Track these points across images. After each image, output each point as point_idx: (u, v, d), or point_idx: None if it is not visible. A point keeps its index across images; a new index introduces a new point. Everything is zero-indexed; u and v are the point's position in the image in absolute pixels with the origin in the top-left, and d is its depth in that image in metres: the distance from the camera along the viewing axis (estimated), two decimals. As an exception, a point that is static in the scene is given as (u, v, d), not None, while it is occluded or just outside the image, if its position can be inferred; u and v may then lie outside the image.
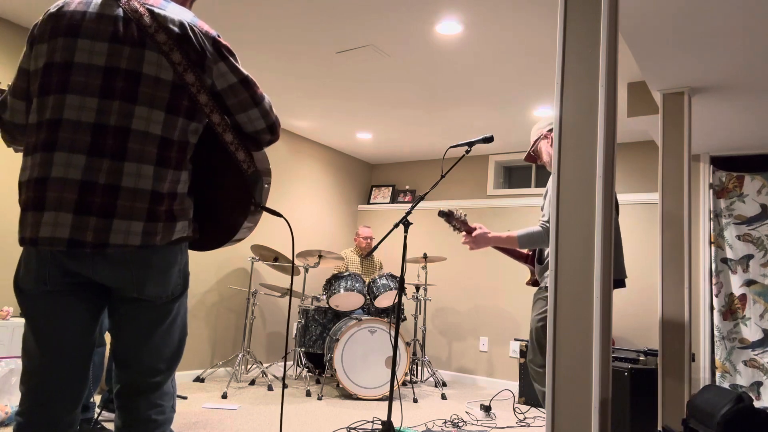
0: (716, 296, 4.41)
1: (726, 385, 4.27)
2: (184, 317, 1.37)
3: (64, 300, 1.25)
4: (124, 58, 1.23)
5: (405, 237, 2.67)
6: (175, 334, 1.33)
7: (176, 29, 1.27)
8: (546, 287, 2.53)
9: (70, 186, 1.19)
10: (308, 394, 4.25)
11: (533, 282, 2.80)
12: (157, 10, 1.27)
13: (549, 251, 2.31)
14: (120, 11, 1.26)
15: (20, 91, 1.32)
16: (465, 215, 2.63)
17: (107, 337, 3.26)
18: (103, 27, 1.25)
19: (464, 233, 2.61)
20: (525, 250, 2.90)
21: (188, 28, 1.28)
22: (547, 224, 2.47)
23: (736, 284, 4.36)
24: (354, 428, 3.34)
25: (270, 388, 4.36)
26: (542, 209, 2.56)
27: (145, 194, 1.21)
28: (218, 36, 1.34)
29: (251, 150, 1.36)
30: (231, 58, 1.33)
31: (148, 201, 1.22)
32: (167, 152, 1.25)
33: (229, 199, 1.35)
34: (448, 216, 2.60)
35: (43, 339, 1.25)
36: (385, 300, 4.70)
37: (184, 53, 1.26)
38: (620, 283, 2.56)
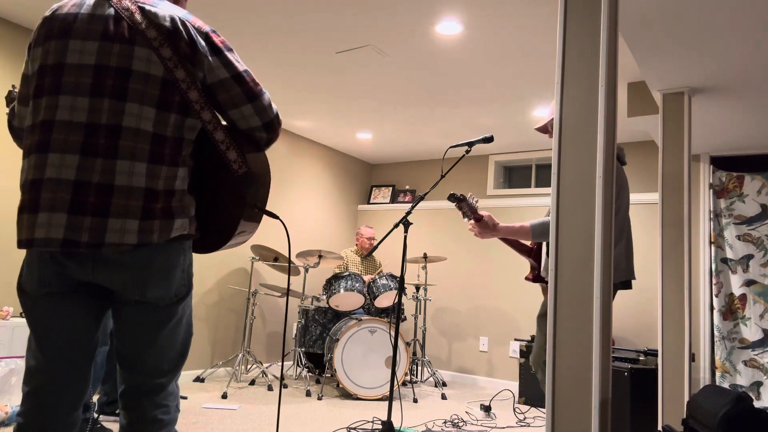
0: (716, 296, 4.41)
1: (726, 385, 4.26)
2: (189, 318, 1.35)
3: (66, 302, 1.24)
4: (113, 56, 1.22)
5: (405, 237, 2.68)
6: (180, 336, 1.32)
7: (167, 24, 1.26)
8: None
9: (63, 186, 1.18)
10: (308, 394, 4.25)
11: (534, 277, 2.73)
12: (148, 7, 1.27)
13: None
14: (111, 10, 1.26)
15: (23, 98, 1.32)
16: (477, 201, 2.46)
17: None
18: (94, 27, 1.24)
19: (472, 221, 2.46)
20: (529, 243, 2.85)
21: (179, 22, 1.27)
22: None
23: (736, 284, 4.36)
24: (354, 428, 3.34)
25: (270, 388, 4.36)
26: None
27: (139, 192, 1.20)
28: (213, 31, 1.33)
29: (246, 150, 1.32)
30: (226, 53, 1.31)
31: (142, 199, 1.20)
32: (160, 149, 1.24)
33: (224, 201, 1.32)
34: (459, 200, 2.41)
35: (45, 340, 1.25)
36: (385, 300, 4.70)
37: (175, 48, 1.25)
38: (627, 284, 2.49)
